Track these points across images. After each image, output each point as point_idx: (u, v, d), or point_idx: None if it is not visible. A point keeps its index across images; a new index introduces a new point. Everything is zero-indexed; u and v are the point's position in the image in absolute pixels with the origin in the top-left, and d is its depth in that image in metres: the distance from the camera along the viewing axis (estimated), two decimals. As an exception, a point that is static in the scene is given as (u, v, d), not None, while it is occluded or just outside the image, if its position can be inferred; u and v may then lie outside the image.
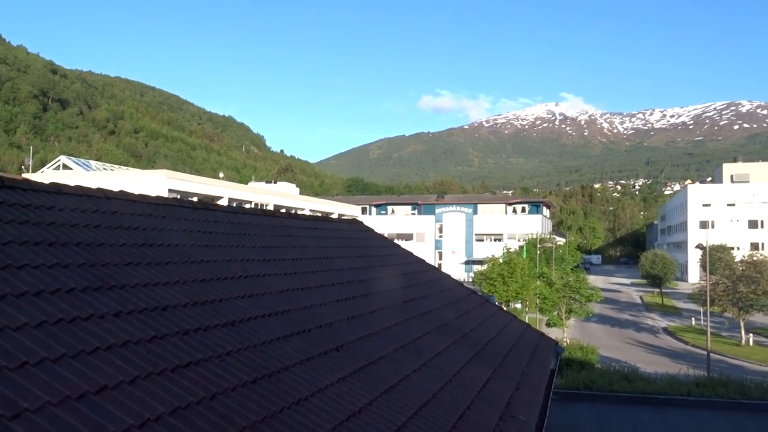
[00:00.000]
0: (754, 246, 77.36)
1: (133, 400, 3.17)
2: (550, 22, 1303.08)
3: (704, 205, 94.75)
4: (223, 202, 43.66)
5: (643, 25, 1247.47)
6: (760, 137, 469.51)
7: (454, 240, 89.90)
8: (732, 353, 36.90)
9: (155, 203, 6.61)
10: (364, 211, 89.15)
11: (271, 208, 50.38)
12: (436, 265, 61.22)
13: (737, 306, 40.75)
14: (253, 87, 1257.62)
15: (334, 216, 50.00)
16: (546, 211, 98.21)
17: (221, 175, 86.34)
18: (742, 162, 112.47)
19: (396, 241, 14.67)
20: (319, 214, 18.64)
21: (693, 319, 49.90)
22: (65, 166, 55.78)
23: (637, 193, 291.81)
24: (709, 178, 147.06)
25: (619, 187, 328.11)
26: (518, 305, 47.38)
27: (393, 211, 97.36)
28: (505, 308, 29.46)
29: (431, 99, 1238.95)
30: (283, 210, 34.13)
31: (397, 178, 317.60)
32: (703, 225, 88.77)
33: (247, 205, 45.61)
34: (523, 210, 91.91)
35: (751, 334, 41.05)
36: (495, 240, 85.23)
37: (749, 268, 41.41)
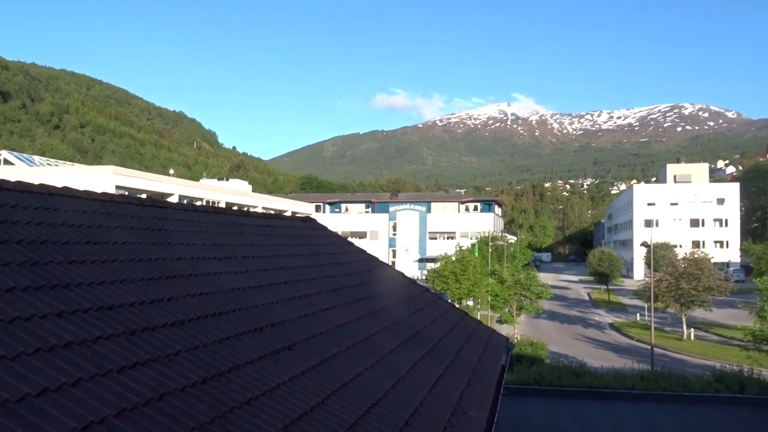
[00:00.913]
0: (696, 244, 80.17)
1: (76, 403, 3.07)
2: (503, 23, 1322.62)
3: (649, 205, 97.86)
4: (174, 200, 42.79)
5: (591, 29, 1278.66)
6: (702, 139, 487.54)
7: (408, 238, 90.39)
8: (674, 347, 38.21)
9: (101, 200, 6.43)
10: (317, 209, 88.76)
11: (222, 205, 49.64)
12: (390, 263, 61.36)
13: (679, 302, 42.21)
14: (205, 82, 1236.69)
15: (287, 214, 49.60)
16: (498, 210, 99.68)
17: (171, 171, 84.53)
18: (685, 163, 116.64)
19: (350, 239, 14.65)
20: (272, 212, 18.48)
21: (638, 314, 51.47)
22: (6, 162, 53.73)
23: (585, 192, 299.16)
24: (654, 179, 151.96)
25: (568, 186, 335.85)
26: (470, 302, 47.97)
27: (347, 209, 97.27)
28: (457, 305, 29.78)
29: (385, 97, 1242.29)
30: (236, 208, 33.62)
31: (351, 176, 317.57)
32: (648, 223, 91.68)
33: (198, 203, 44.84)
34: (476, 208, 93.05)
35: (692, 329, 42.59)
36: (448, 238, 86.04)
37: (691, 265, 42.94)
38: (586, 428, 15.05)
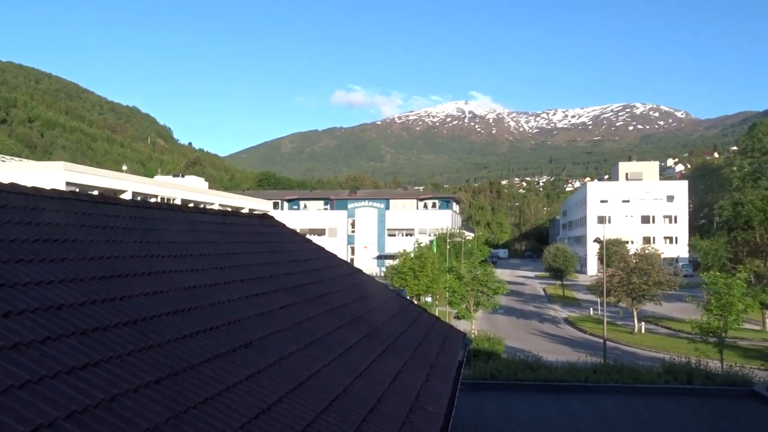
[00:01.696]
0: (646, 240, 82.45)
1: (23, 406, 2.98)
2: (461, 21, 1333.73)
3: (602, 202, 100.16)
4: (127, 197, 41.84)
5: (546, 29, 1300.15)
6: (652, 138, 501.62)
7: (367, 235, 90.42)
8: (626, 341, 39.25)
9: (50, 197, 6.24)
10: (275, 206, 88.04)
11: (178, 202, 48.79)
12: (349, 260, 61.24)
13: (631, 296, 43.37)
14: (160, 76, 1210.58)
15: (245, 211, 49.00)
16: (456, 207, 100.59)
17: (125, 168, 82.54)
18: (636, 161, 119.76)
19: (308, 236, 14.56)
20: (229, 209, 18.22)
21: (591, 309, 52.67)
22: (-51, 157, 51.64)
23: (541, 189, 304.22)
24: (607, 176, 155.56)
25: (524, 184, 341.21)
26: (429, 299, 48.29)
27: (305, 207, 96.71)
28: (416, 302, 29.93)
29: (344, 94, 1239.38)
30: (191, 205, 33.08)
31: (310, 173, 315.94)
32: (601, 220, 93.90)
33: (153, 200, 43.98)
34: (434, 205, 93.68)
35: (642, 323, 43.81)
36: (407, 235, 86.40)
37: (641, 260, 44.16)
38: (541, 421, 15.34)
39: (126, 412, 3.40)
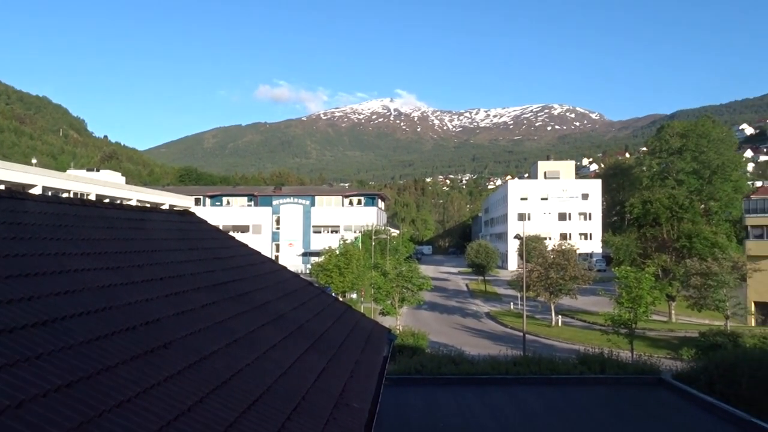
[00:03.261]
0: (563, 236, 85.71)
1: None
2: (387, 20, 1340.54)
3: (522, 199, 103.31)
4: (37, 191, 39.65)
5: (469, 30, 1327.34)
6: (569, 138, 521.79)
7: (292, 232, 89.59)
8: (544, 333, 40.70)
9: (-51, 191, 5.83)
10: (197, 202, 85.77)
11: (92, 198, 46.71)
12: (273, 258, 60.59)
13: (549, 291, 45.01)
14: (73, 65, 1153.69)
15: (165, 207, 47.46)
16: (381, 204, 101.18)
17: (34, 161, 78.13)
18: (554, 160, 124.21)
19: (231, 233, 14.26)
20: (148, 205, 17.54)
21: (512, 303, 54.29)
22: None
23: (464, 187, 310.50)
24: (526, 174, 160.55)
25: (448, 182, 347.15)
26: (354, 295, 48.40)
27: (228, 203, 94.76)
28: (341, 299, 29.92)
29: (269, 89, 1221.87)
30: (107, 200, 31.73)
31: (233, 169, 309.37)
32: (521, 217, 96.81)
33: (65, 195, 41.81)
34: (360, 202, 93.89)
35: (560, 316, 45.58)
36: (332, 232, 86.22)
37: (558, 256, 45.90)
38: (464, 414, 15.68)
39: (34, 418, 3.23)
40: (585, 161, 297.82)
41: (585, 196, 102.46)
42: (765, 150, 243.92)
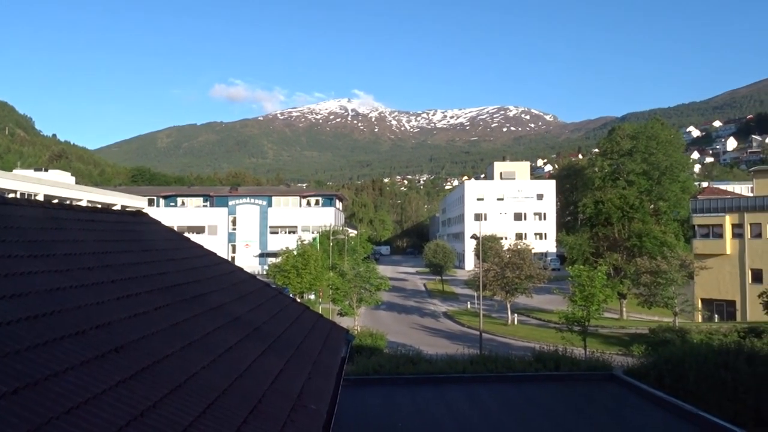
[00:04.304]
0: (519, 236, 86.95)
1: None
2: (344, 20, 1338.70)
3: (478, 200, 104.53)
4: (-20, 192, 38.21)
5: (425, 31, 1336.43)
6: (524, 139, 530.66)
7: (248, 233, 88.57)
8: (500, 332, 41.25)
9: None
10: (151, 202, 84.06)
11: (41, 198, 45.31)
12: (229, 259, 59.73)
13: (505, 290, 45.61)
14: (20, 62, 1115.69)
15: (117, 208, 46.34)
16: (339, 204, 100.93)
17: (-22, 160, 75.30)
18: (510, 161, 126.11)
19: (186, 234, 14.00)
20: (99, 206, 17.07)
21: (468, 303, 54.86)
22: None
23: (422, 187, 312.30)
24: (483, 175, 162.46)
25: (406, 182, 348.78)
26: (312, 296, 48.15)
27: (183, 203, 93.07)
28: (298, 300, 29.70)
29: (225, 88, 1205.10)
30: (56, 201, 30.81)
31: (188, 169, 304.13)
32: (478, 217, 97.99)
33: (11, 195, 40.43)
34: (317, 203, 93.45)
35: (516, 314, 46.26)
36: (289, 232, 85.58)
37: (514, 255, 46.56)
38: (422, 413, 15.75)
39: (-23, 427, 3.11)
40: (540, 162, 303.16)
41: (540, 197, 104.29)
42: (710, 152, 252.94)
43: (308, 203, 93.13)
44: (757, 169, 58.65)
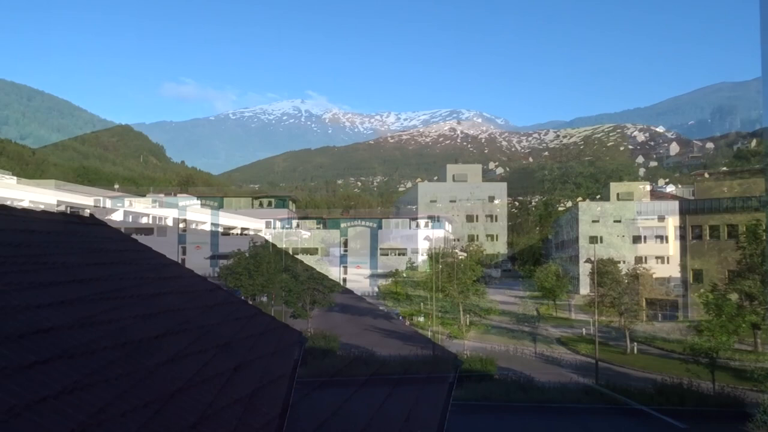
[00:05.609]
0: (470, 238, 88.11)
1: None
2: (297, 20, 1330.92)
3: (431, 201, 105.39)
4: None
5: (378, 34, 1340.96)
6: (477, 142, 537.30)
7: (199, 234, 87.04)
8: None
9: None
10: (97, 203, 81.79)
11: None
12: (180, 261, 58.65)
13: (457, 290, 46.08)
14: None
15: (60, 208, 44.88)
16: (292, 206, 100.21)
17: None
18: (462, 164, 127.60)
19: (134, 236, 13.62)
20: (41, 207, 16.45)
21: (422, 303, 55.23)
22: None
23: (375, 189, 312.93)
24: (436, 177, 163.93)
25: (359, 184, 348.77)
26: (264, 298, 47.68)
27: (131, 204, 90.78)
28: (250, 302, 29.30)
29: (174, 86, 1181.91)
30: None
31: (137, 169, 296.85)
32: (431, 219, 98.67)
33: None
34: (270, 204, 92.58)
35: (469, 316, 46.70)
36: (242, 234, 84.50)
37: (469, 257, 47.17)
38: (375, 413, 15.72)
39: None
40: (491, 165, 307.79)
41: (491, 199, 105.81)
42: (654, 156, 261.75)
43: (261, 204, 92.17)
44: (698, 173, 60.94)
